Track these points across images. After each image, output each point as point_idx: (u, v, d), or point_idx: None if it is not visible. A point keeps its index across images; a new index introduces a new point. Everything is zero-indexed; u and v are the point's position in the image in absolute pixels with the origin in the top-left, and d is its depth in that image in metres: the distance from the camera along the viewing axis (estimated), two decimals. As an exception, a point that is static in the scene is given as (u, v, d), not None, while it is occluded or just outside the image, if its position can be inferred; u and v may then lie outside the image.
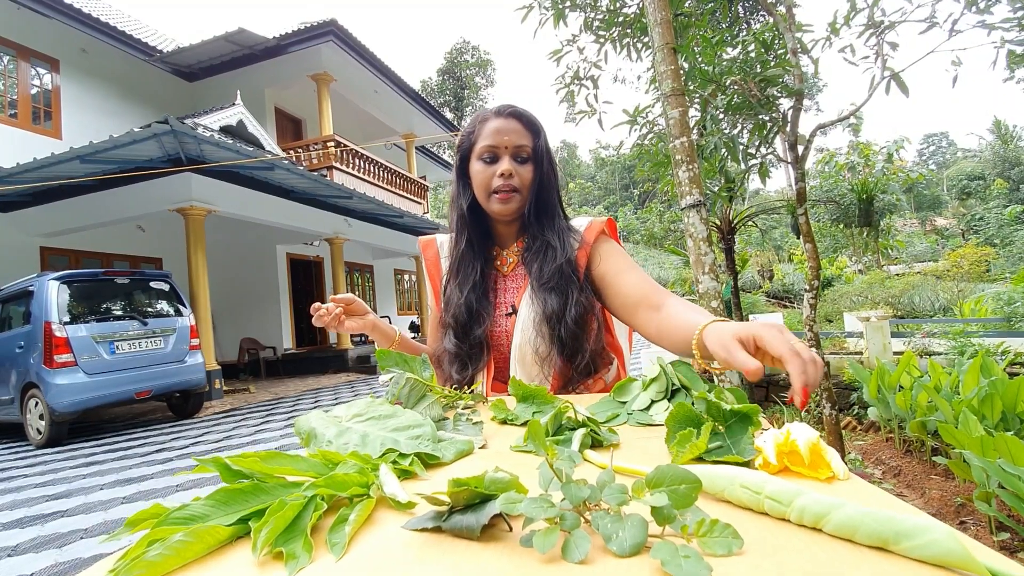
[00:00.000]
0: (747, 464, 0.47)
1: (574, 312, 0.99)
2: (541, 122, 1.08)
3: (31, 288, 5.65)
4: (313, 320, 1.09)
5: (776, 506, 0.35)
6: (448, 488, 0.40)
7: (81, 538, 2.82)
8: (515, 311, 1.07)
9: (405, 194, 13.04)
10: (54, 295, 5.44)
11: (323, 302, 1.11)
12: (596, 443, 0.59)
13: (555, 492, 0.38)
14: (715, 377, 2.82)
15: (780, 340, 0.58)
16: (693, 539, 0.33)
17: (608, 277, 1.02)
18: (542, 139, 1.06)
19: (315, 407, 6.87)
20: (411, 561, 0.35)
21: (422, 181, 14.19)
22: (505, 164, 1.02)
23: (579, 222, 1.10)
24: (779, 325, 0.61)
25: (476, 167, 1.05)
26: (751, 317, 7.59)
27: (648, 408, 0.72)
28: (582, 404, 0.75)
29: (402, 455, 0.56)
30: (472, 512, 0.38)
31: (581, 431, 0.57)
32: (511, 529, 0.39)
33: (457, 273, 1.12)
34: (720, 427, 0.51)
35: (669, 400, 0.72)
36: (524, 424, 0.73)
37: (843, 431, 4.21)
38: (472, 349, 1.07)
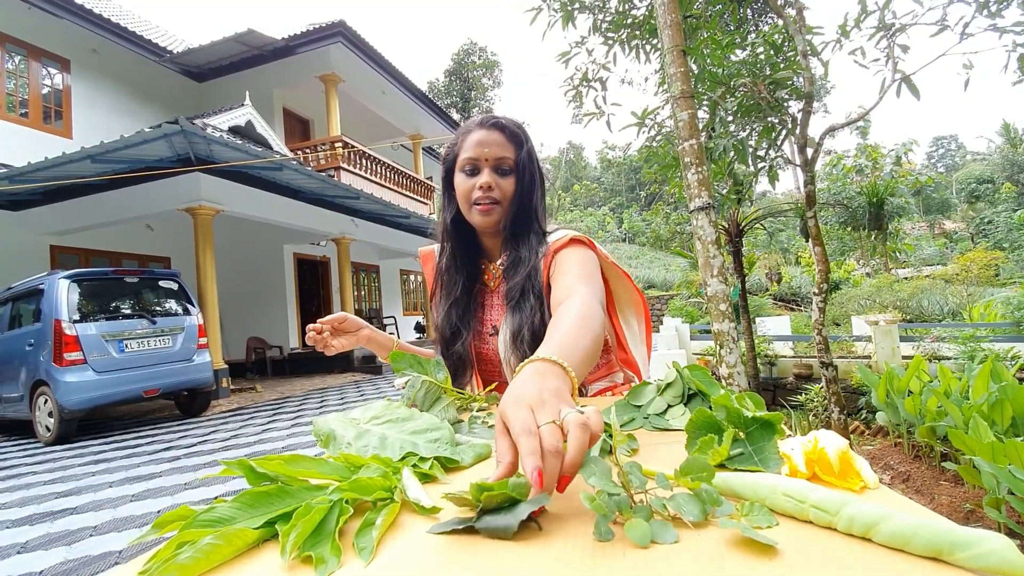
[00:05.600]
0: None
1: (527, 334, 0.98)
2: (526, 132, 1.06)
3: (41, 286, 5.70)
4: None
5: (822, 515, 0.35)
6: (472, 492, 0.40)
7: (90, 535, 2.84)
8: (496, 331, 1.07)
9: (411, 195, 13.08)
10: (64, 293, 5.48)
11: (329, 302, 1.11)
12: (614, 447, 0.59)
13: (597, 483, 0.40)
14: (721, 379, 2.82)
15: (511, 426, 0.43)
16: (741, 519, 0.36)
17: (552, 282, 0.99)
18: (525, 150, 1.04)
19: (321, 407, 6.88)
20: (440, 565, 0.35)
21: (428, 182, 14.22)
22: (485, 176, 1.01)
23: (554, 235, 1.06)
24: (518, 400, 0.45)
25: (459, 179, 1.04)
26: (758, 320, 7.56)
27: (664, 413, 0.72)
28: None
29: (422, 458, 0.56)
30: (505, 512, 0.38)
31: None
32: (541, 528, 0.39)
33: (442, 287, 1.12)
34: (740, 434, 0.51)
35: (686, 405, 0.72)
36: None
37: (851, 436, 4.19)
38: (455, 365, 1.07)
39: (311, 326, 1.07)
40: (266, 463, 0.47)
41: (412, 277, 17.60)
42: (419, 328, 14.65)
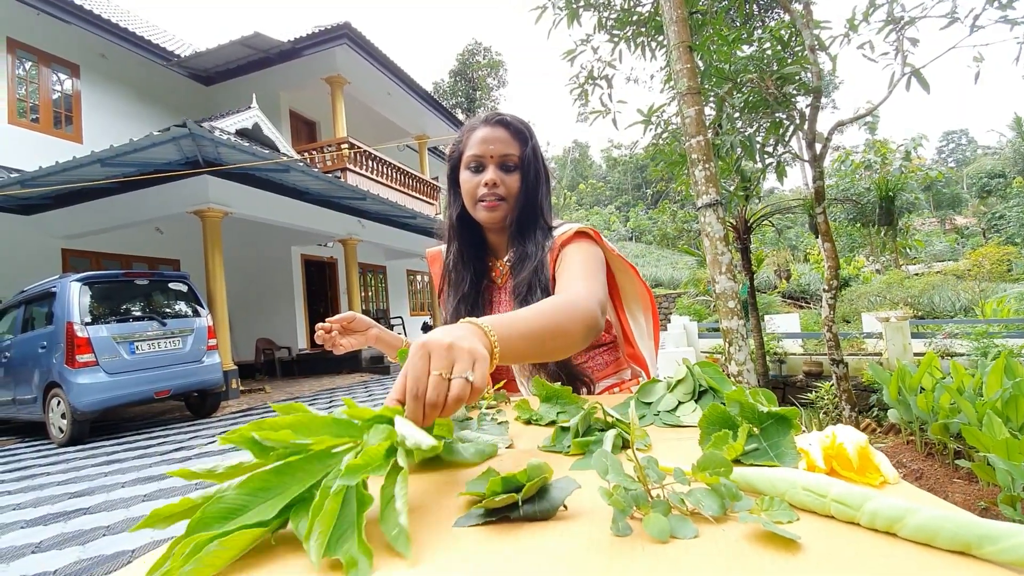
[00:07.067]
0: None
1: None
2: (531, 129, 1.06)
3: (53, 289, 5.75)
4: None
5: (843, 510, 0.34)
6: (488, 488, 0.40)
7: (103, 535, 2.87)
8: None
9: (417, 195, 13.10)
10: (76, 296, 5.54)
11: (337, 303, 1.11)
12: (626, 444, 0.58)
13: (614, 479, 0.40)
14: (731, 376, 2.80)
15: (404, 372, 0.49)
16: (761, 513, 0.35)
17: (557, 278, 0.99)
18: (529, 147, 1.04)
19: (330, 407, 6.90)
20: (453, 566, 0.35)
21: (434, 182, 14.24)
22: (490, 173, 1.01)
23: (560, 229, 1.06)
24: (434, 348, 0.49)
25: (464, 176, 1.05)
26: (767, 317, 7.51)
27: (675, 409, 0.72)
28: (606, 405, 0.74)
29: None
30: (539, 500, 0.40)
31: (612, 431, 0.57)
32: (566, 507, 0.41)
33: (449, 284, 1.12)
34: (755, 429, 0.51)
35: (696, 401, 0.71)
36: (549, 424, 0.73)
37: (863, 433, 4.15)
38: None
39: (320, 325, 1.07)
40: (271, 434, 0.43)
41: (419, 277, 17.64)
42: (426, 328, 14.67)
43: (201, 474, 0.41)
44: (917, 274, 13.25)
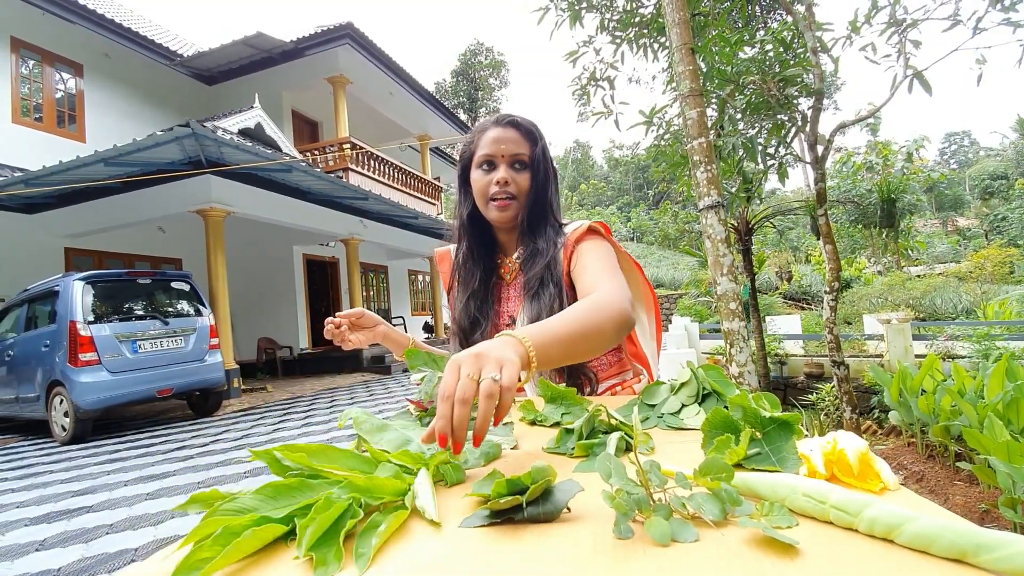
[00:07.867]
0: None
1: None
2: (540, 129, 1.09)
3: (56, 288, 5.77)
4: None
5: (843, 516, 0.35)
6: (493, 490, 0.41)
7: (107, 533, 2.88)
8: (514, 322, 1.09)
9: (419, 195, 13.11)
10: (79, 295, 5.55)
11: (339, 302, 1.11)
12: (630, 447, 0.59)
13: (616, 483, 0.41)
14: (732, 379, 2.80)
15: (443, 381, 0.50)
16: (761, 518, 0.36)
17: (574, 276, 1.01)
18: (539, 147, 1.07)
19: (332, 407, 6.86)
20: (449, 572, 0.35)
21: (436, 182, 14.25)
22: (502, 172, 1.04)
23: (571, 226, 1.09)
24: (464, 359, 0.51)
25: (475, 175, 1.07)
26: (768, 318, 7.51)
27: (678, 412, 0.72)
28: (610, 407, 0.75)
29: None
30: (543, 501, 0.41)
31: (616, 434, 0.58)
32: (570, 510, 0.41)
33: (459, 281, 1.14)
34: (757, 434, 0.51)
35: (700, 404, 0.72)
36: (554, 425, 0.74)
37: (863, 435, 4.15)
38: None
39: (330, 320, 1.08)
40: (291, 454, 0.48)
41: (420, 277, 17.65)
42: (427, 328, 14.70)
43: (227, 496, 0.45)
44: (919, 276, 13.23)
